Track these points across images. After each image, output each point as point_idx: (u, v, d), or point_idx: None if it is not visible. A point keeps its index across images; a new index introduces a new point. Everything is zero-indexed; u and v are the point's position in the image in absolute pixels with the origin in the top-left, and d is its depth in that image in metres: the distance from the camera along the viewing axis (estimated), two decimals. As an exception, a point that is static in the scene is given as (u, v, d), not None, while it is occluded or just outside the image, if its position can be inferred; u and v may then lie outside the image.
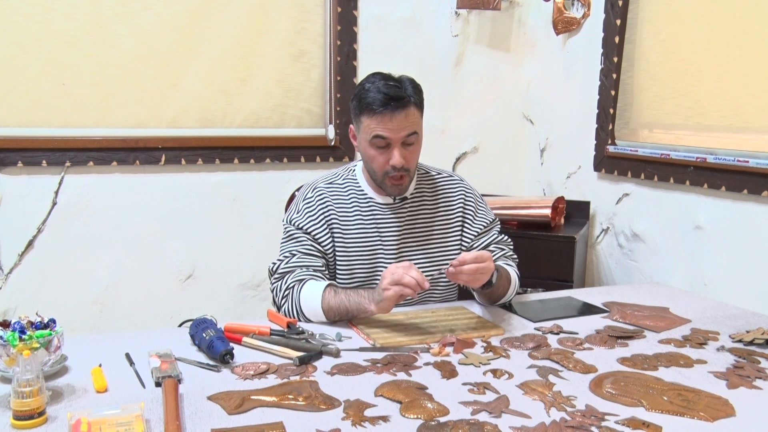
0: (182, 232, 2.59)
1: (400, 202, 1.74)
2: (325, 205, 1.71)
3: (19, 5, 2.28)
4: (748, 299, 1.95)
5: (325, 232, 1.70)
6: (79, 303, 2.47)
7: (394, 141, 1.60)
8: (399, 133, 1.60)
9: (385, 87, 1.59)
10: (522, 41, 2.98)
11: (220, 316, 1.55)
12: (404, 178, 1.66)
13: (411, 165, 1.66)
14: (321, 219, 1.70)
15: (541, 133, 2.98)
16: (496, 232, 1.81)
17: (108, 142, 2.44)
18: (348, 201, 1.73)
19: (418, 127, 1.64)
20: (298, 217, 1.72)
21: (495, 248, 1.78)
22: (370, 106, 1.59)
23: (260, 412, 1.14)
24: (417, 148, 1.66)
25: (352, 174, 1.77)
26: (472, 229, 1.78)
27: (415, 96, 1.62)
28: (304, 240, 1.69)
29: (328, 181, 1.77)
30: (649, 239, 2.39)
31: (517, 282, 1.75)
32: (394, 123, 1.58)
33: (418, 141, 1.65)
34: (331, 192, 1.74)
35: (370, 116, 1.60)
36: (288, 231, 1.72)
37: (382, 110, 1.57)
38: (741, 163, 1.99)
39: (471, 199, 1.81)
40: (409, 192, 1.75)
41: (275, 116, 2.67)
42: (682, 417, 1.15)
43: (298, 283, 1.62)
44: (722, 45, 2.09)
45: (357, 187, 1.75)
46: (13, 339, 1.15)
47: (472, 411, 1.15)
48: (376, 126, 1.59)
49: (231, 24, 2.55)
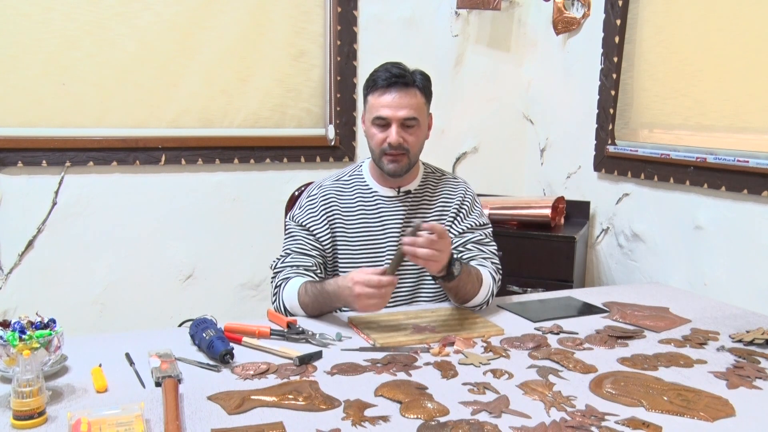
0: (182, 232, 2.59)
1: (404, 195, 1.77)
2: (328, 202, 1.75)
3: (19, 5, 2.28)
4: (748, 299, 1.96)
5: (324, 228, 1.73)
6: (79, 303, 2.47)
7: (393, 120, 1.66)
8: (398, 112, 1.65)
9: (393, 68, 1.68)
10: (522, 41, 2.98)
11: (220, 316, 1.55)
12: (402, 157, 1.68)
13: (411, 147, 1.69)
14: (321, 215, 1.74)
15: (541, 133, 2.98)
16: (481, 234, 1.78)
17: (108, 142, 2.44)
18: (352, 195, 1.77)
19: (420, 113, 1.68)
20: (300, 213, 1.77)
21: (473, 248, 1.75)
22: (375, 83, 1.68)
23: (260, 412, 1.14)
24: (418, 132, 1.69)
25: (359, 170, 1.82)
26: (459, 226, 1.78)
27: (421, 81, 1.69)
28: (300, 238, 1.73)
29: (335, 178, 1.82)
30: (649, 239, 2.39)
31: (492, 286, 1.70)
32: (395, 100, 1.65)
33: (419, 126, 1.69)
34: (335, 188, 1.78)
35: (374, 92, 1.68)
36: (288, 228, 1.78)
37: (384, 84, 1.65)
38: (741, 163, 1.99)
39: (468, 200, 1.81)
40: (413, 186, 1.78)
41: (275, 116, 2.67)
42: (682, 417, 1.15)
43: (284, 282, 1.67)
44: (722, 45, 2.09)
45: (362, 182, 1.79)
46: (13, 339, 1.15)
47: (472, 411, 1.15)
48: (378, 104, 1.66)
49: (231, 24, 2.55)
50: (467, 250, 1.75)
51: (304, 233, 1.73)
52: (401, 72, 1.66)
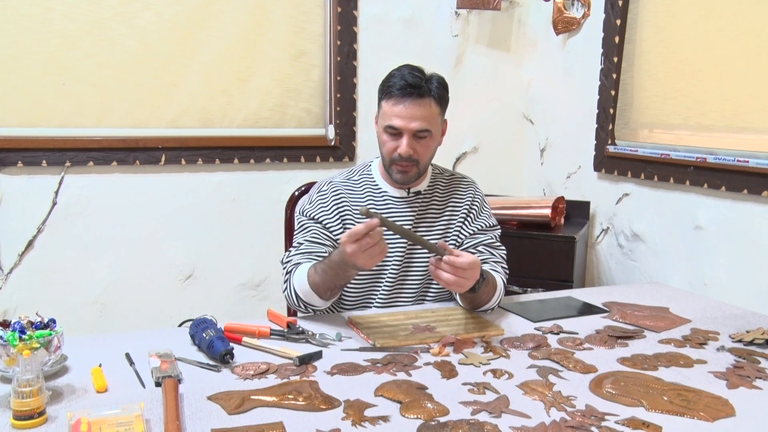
0: (182, 232, 2.59)
1: (414, 196, 1.76)
2: (339, 198, 1.74)
3: (19, 5, 2.28)
4: (748, 299, 1.96)
5: (336, 221, 1.71)
6: (79, 303, 2.47)
7: (405, 131, 1.63)
8: (411, 123, 1.62)
9: (410, 75, 1.63)
10: (522, 41, 2.98)
11: (220, 316, 1.55)
12: (411, 168, 1.67)
13: (421, 158, 1.67)
14: (333, 209, 1.73)
15: (541, 133, 2.98)
16: (492, 236, 1.79)
17: (108, 142, 2.43)
18: (362, 195, 1.76)
19: (433, 124, 1.65)
20: (311, 207, 1.75)
21: (484, 250, 1.75)
22: (390, 90, 1.64)
23: (260, 412, 1.14)
24: (430, 143, 1.67)
25: (368, 170, 1.81)
26: (469, 227, 1.78)
27: (436, 91, 1.65)
28: (312, 228, 1.71)
29: (344, 177, 1.81)
30: (649, 239, 2.39)
31: (502, 291, 1.72)
32: (408, 111, 1.61)
33: (431, 138, 1.67)
34: (345, 186, 1.77)
35: (388, 100, 1.64)
36: (300, 222, 1.75)
37: (399, 94, 1.62)
38: (741, 163, 1.99)
39: (478, 200, 1.82)
40: (422, 187, 1.78)
41: (275, 116, 2.67)
42: (682, 417, 1.15)
43: (294, 268, 1.64)
44: (722, 45, 2.09)
45: (372, 182, 1.78)
46: (13, 339, 1.15)
47: (472, 411, 1.15)
48: (391, 112, 1.63)
49: (231, 24, 2.55)
50: (479, 252, 1.74)
51: (316, 225, 1.71)
52: (417, 82, 1.61)
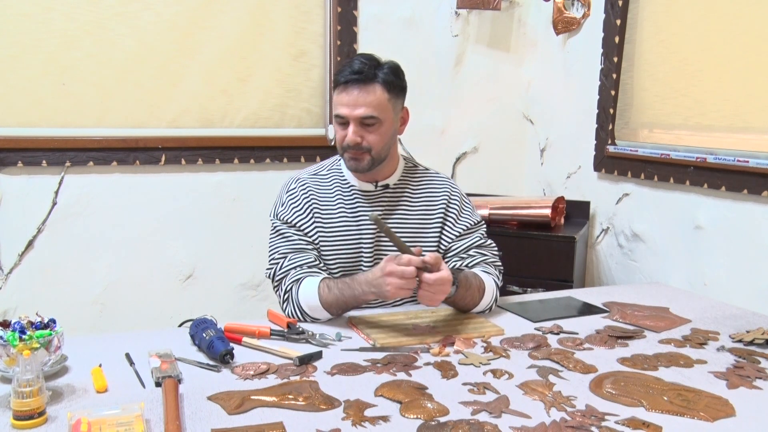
0: (182, 232, 2.59)
1: (382, 190, 1.73)
2: (308, 195, 1.71)
3: (19, 5, 2.28)
4: (748, 299, 1.96)
5: (309, 222, 1.69)
6: (79, 303, 2.47)
7: (351, 119, 1.61)
8: (355, 111, 1.60)
9: (357, 63, 1.61)
10: (522, 41, 2.98)
11: (220, 316, 1.55)
12: (362, 156, 1.64)
13: (374, 146, 1.63)
14: (305, 209, 1.69)
15: (541, 133, 2.98)
16: (479, 235, 1.76)
17: (108, 142, 2.43)
18: (331, 190, 1.73)
19: (381, 110, 1.61)
20: (284, 210, 1.71)
21: (475, 253, 1.73)
22: (337, 79, 1.62)
23: (260, 412, 1.14)
24: (380, 130, 1.62)
25: (337, 164, 1.77)
26: (453, 230, 1.74)
27: (384, 76, 1.61)
28: (291, 236, 1.68)
29: (312, 172, 1.77)
30: (649, 239, 2.39)
31: (495, 291, 1.69)
32: (352, 98, 1.59)
33: (380, 125, 1.62)
34: (314, 182, 1.74)
35: (336, 89, 1.63)
36: (275, 227, 1.72)
37: (343, 81, 1.60)
38: (741, 163, 1.99)
39: (456, 199, 1.77)
40: (392, 181, 1.74)
41: (275, 116, 2.67)
42: (682, 417, 1.15)
43: (296, 284, 1.61)
44: (722, 45, 2.09)
45: (341, 176, 1.74)
46: (13, 339, 1.15)
47: (472, 411, 1.15)
48: (338, 101, 1.62)
49: (231, 24, 2.55)
50: (470, 257, 1.72)
51: (295, 232, 1.68)
52: (361, 68, 1.59)
